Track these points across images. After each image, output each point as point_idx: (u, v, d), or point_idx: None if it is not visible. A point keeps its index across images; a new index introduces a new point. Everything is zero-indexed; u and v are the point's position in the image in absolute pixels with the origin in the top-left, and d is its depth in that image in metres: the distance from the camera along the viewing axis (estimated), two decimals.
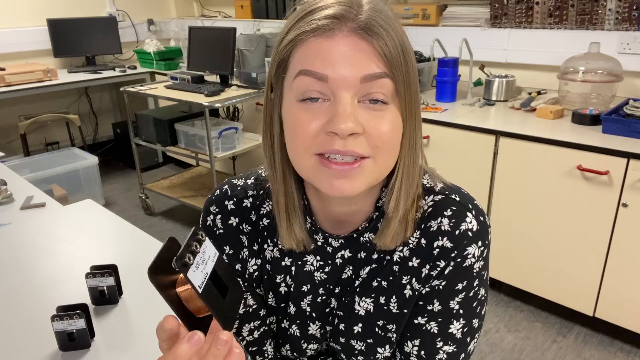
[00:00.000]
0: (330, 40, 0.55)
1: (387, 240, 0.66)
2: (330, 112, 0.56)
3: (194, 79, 3.08)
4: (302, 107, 0.58)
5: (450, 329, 0.67)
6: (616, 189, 1.79)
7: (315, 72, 0.56)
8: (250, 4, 3.59)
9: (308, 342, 0.76)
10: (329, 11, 0.56)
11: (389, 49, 0.55)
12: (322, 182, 0.59)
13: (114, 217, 1.51)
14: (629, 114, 1.89)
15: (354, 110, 0.56)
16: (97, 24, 3.81)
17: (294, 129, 0.58)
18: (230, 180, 0.76)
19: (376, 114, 0.57)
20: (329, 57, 0.55)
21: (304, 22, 0.57)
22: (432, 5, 2.69)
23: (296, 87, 0.58)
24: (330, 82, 0.55)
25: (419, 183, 0.66)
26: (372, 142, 0.57)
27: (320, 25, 0.56)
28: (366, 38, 0.55)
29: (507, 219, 2.13)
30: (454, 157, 2.21)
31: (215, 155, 2.79)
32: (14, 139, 3.74)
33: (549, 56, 2.36)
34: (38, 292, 1.13)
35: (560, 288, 2.06)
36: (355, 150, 0.56)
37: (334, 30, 0.55)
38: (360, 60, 0.55)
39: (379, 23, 0.55)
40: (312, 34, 0.56)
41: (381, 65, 0.55)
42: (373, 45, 0.55)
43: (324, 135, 0.57)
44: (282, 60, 0.60)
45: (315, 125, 0.57)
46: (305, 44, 0.57)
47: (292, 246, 0.70)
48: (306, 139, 0.57)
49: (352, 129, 0.55)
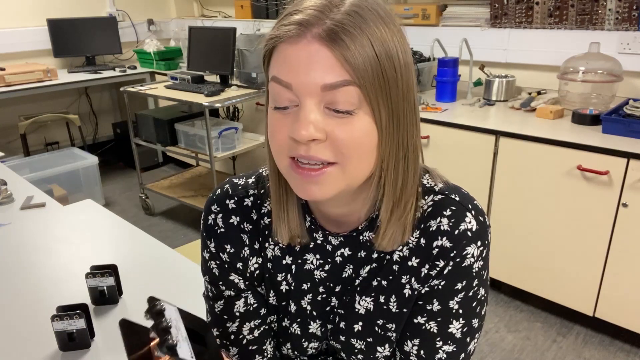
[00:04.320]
0: (294, 47, 0.55)
1: (384, 243, 0.66)
2: (296, 118, 0.57)
3: (194, 79, 3.08)
4: (277, 114, 0.59)
5: (450, 329, 0.67)
6: (616, 189, 1.79)
7: (281, 80, 0.56)
8: (250, 4, 3.59)
9: (309, 340, 0.77)
10: (297, 17, 0.56)
11: (354, 56, 0.54)
12: (295, 186, 0.61)
13: (114, 217, 1.51)
14: (629, 114, 1.89)
15: (316, 116, 0.56)
16: (97, 24, 3.81)
17: (271, 135, 0.60)
18: (231, 179, 0.77)
19: (341, 120, 0.56)
20: (292, 64, 0.55)
21: (276, 27, 0.58)
22: (432, 5, 2.69)
23: (270, 92, 0.59)
24: (294, 89, 0.56)
25: (416, 186, 0.65)
26: (336, 148, 0.57)
27: (286, 31, 0.56)
28: (328, 45, 0.54)
29: (507, 219, 2.13)
30: (454, 157, 2.21)
31: (215, 155, 2.79)
32: (14, 139, 3.74)
33: (549, 56, 2.36)
34: (38, 292, 1.13)
35: (560, 288, 2.06)
36: (318, 155, 0.57)
37: (299, 36, 0.55)
38: (320, 67, 0.54)
39: (346, 29, 0.54)
40: (281, 40, 0.57)
41: (343, 73, 0.54)
42: (334, 53, 0.54)
43: (291, 140, 0.58)
44: (264, 61, 0.61)
45: (285, 129, 0.58)
46: (278, 49, 0.57)
47: (283, 240, 0.70)
48: (279, 144, 0.59)
49: (311, 136, 0.55)
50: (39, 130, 3.96)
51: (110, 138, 4.35)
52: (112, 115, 4.44)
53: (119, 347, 0.96)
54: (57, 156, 3.37)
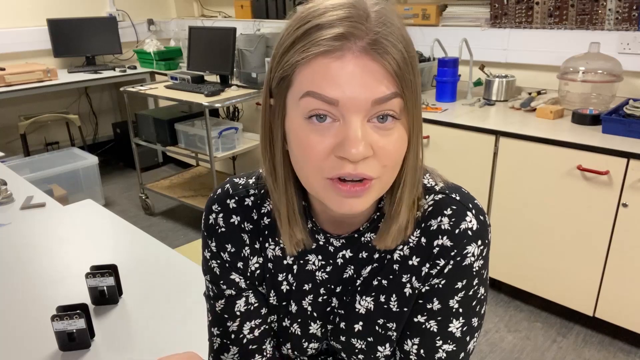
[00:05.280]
0: (339, 62, 0.53)
1: (388, 242, 0.66)
2: (341, 135, 0.55)
3: (194, 79, 3.08)
4: (311, 126, 0.56)
5: (450, 328, 0.67)
6: (616, 189, 1.79)
7: (324, 96, 0.54)
8: (250, 4, 3.59)
9: (309, 341, 0.77)
10: (337, 30, 0.53)
11: (398, 67, 0.54)
12: (331, 201, 0.59)
13: (114, 217, 1.51)
14: (629, 114, 1.89)
15: (364, 133, 0.54)
16: (97, 24, 3.81)
17: (304, 150, 0.57)
18: (232, 179, 0.77)
19: (384, 133, 0.56)
20: (338, 80, 0.53)
21: (311, 41, 0.54)
22: (432, 5, 2.69)
23: (303, 107, 0.56)
24: (341, 105, 0.54)
25: (419, 184, 0.66)
26: (381, 162, 0.56)
27: (329, 46, 0.53)
28: (376, 58, 0.53)
29: (507, 219, 2.13)
30: (454, 157, 2.21)
31: (215, 155, 2.79)
32: (14, 139, 3.74)
33: (549, 56, 2.36)
34: (38, 292, 1.13)
35: (560, 288, 2.06)
36: (366, 172, 0.56)
37: (342, 50, 0.53)
38: (372, 82, 0.53)
39: (387, 39, 0.53)
40: (319, 54, 0.54)
41: (391, 86, 0.54)
42: (384, 66, 0.53)
43: (335, 158, 0.56)
44: (286, 76, 0.57)
45: (324, 147, 0.55)
46: (312, 62, 0.55)
47: (292, 252, 0.70)
48: (317, 161, 0.56)
49: (364, 154, 0.54)
50: (39, 130, 3.96)
51: (110, 138, 4.35)
52: (112, 115, 4.44)
53: (119, 347, 0.96)
54: (57, 156, 3.37)
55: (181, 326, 1.03)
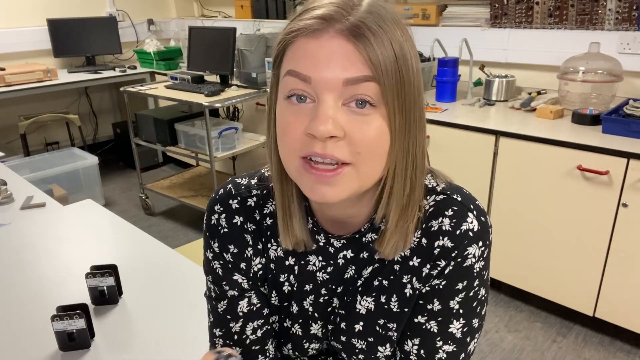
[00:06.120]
0: (316, 41, 0.55)
1: (387, 251, 0.65)
2: (313, 114, 0.56)
3: (194, 79, 3.08)
4: (290, 107, 0.57)
5: (450, 329, 0.67)
6: (616, 189, 1.79)
7: (299, 73, 0.56)
8: (250, 4, 3.59)
9: (310, 341, 0.77)
10: (319, 11, 0.56)
11: (375, 54, 0.54)
12: (305, 186, 0.60)
13: (114, 217, 1.51)
14: (629, 114, 1.89)
15: (335, 112, 0.55)
16: (97, 24, 3.81)
17: (282, 130, 0.59)
18: (234, 179, 0.76)
19: (360, 118, 0.56)
20: (313, 58, 0.55)
21: (295, 21, 0.57)
22: (432, 5, 2.69)
23: (283, 87, 0.58)
24: (314, 83, 0.55)
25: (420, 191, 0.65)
26: (353, 147, 0.56)
27: (307, 25, 0.55)
28: (351, 40, 0.54)
29: (507, 219, 2.13)
30: (454, 157, 2.21)
31: (215, 155, 2.79)
32: (14, 139, 3.74)
33: (549, 56, 2.36)
34: (38, 292, 1.13)
35: (560, 288, 2.06)
36: (335, 154, 0.56)
37: (321, 31, 0.55)
38: (343, 62, 0.54)
39: (369, 26, 0.54)
40: (301, 34, 0.56)
41: (365, 69, 0.54)
42: (358, 49, 0.54)
43: (306, 137, 0.56)
44: (276, 58, 0.60)
45: (298, 126, 0.56)
46: (295, 43, 0.57)
47: (288, 246, 0.69)
48: (292, 140, 0.57)
49: (331, 132, 0.54)
50: (39, 130, 3.96)
51: (110, 138, 4.35)
52: (112, 115, 4.44)
53: (118, 347, 0.96)
54: (57, 156, 3.37)
55: (181, 326, 1.03)
